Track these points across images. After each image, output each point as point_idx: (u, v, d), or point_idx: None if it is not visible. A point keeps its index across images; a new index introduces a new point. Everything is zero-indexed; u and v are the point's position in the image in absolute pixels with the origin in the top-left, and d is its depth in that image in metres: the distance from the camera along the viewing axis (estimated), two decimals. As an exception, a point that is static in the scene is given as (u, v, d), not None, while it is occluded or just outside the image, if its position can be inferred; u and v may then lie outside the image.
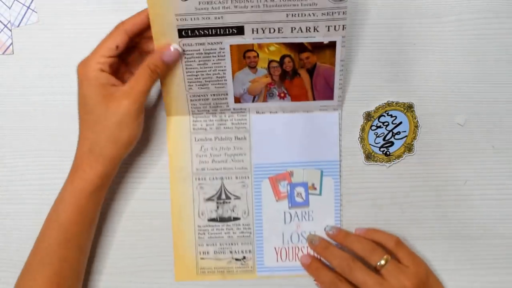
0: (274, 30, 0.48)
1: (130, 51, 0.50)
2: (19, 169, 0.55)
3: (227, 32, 0.48)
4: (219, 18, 0.47)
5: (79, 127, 0.48)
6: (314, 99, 0.53)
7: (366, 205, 0.56)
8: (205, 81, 0.51)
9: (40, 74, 0.54)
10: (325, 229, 0.54)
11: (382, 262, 0.49)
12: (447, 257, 0.56)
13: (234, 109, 0.53)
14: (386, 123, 0.55)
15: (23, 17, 0.54)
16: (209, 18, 0.47)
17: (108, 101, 0.46)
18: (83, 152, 0.48)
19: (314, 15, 0.47)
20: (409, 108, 0.55)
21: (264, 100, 0.53)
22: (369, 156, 0.55)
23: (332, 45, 0.49)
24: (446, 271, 0.56)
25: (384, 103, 0.55)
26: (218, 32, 0.48)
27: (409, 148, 0.55)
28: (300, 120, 0.54)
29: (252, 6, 0.47)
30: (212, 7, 0.47)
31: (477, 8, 0.54)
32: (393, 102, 0.55)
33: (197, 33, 0.48)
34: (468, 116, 0.55)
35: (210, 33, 0.48)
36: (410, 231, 0.56)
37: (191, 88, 0.51)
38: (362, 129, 0.55)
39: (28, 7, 0.54)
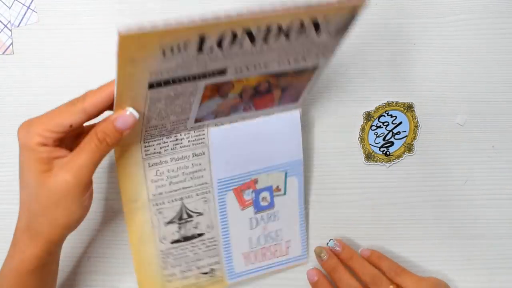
0: (260, 66, 0.41)
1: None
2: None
3: (207, 76, 0.40)
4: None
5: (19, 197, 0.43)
6: (278, 105, 0.48)
7: (366, 205, 0.56)
8: (166, 114, 0.43)
9: (40, 74, 0.54)
10: (327, 244, 0.53)
11: None
12: (446, 257, 0.56)
13: (191, 127, 0.47)
14: (386, 123, 0.55)
15: (23, 17, 0.54)
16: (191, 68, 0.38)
17: (46, 177, 0.39)
18: (20, 228, 0.42)
19: (307, 50, 0.41)
20: (409, 108, 0.55)
21: (227, 115, 0.47)
22: (369, 156, 0.55)
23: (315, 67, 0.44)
24: (445, 271, 0.56)
25: (384, 103, 0.55)
26: (197, 77, 0.39)
27: (409, 148, 0.55)
28: (261, 125, 0.49)
29: (242, 53, 0.38)
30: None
31: (477, 8, 0.54)
32: (393, 102, 0.55)
33: (172, 82, 0.38)
34: (468, 116, 0.55)
35: (187, 79, 0.39)
36: (410, 231, 0.56)
37: (149, 122, 0.43)
38: (362, 129, 0.55)
39: (28, 7, 0.54)
